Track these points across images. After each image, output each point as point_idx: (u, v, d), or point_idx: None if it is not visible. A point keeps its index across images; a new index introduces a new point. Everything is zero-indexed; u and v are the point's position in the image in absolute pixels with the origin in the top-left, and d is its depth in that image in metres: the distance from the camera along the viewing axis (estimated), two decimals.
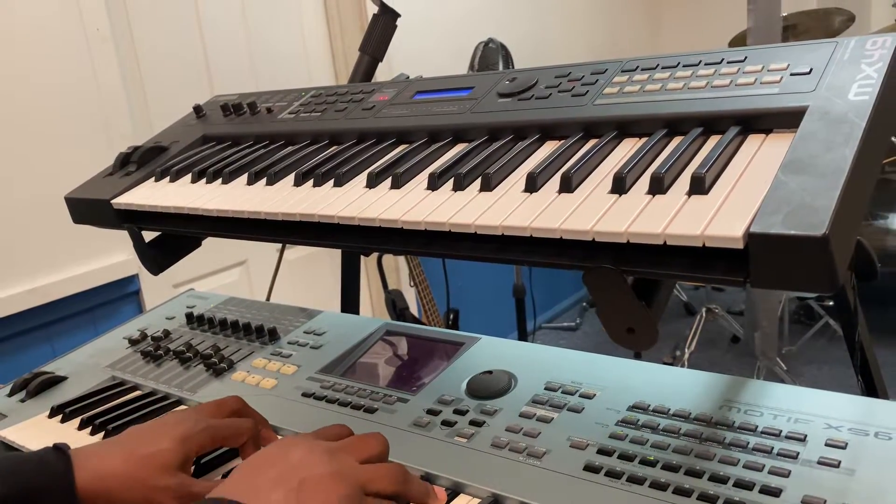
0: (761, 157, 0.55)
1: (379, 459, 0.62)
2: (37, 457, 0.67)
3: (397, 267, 3.02)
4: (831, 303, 3.17)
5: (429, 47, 2.96)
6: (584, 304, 4.31)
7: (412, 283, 2.61)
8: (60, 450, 0.67)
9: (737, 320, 3.39)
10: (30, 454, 0.68)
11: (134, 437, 0.71)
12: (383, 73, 1.23)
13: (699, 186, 0.52)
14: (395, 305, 2.59)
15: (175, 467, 0.67)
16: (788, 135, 0.56)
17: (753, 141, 0.58)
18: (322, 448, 0.59)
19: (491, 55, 2.81)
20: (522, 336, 3.00)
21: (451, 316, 2.73)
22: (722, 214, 0.49)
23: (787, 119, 0.57)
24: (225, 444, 0.73)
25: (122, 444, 0.70)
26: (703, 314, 3.15)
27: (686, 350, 2.99)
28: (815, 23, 2.98)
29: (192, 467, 0.73)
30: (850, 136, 0.50)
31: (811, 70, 0.59)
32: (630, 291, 0.53)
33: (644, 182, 0.56)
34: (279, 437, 0.79)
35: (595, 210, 0.54)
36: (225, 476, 0.67)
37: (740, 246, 0.46)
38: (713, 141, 0.60)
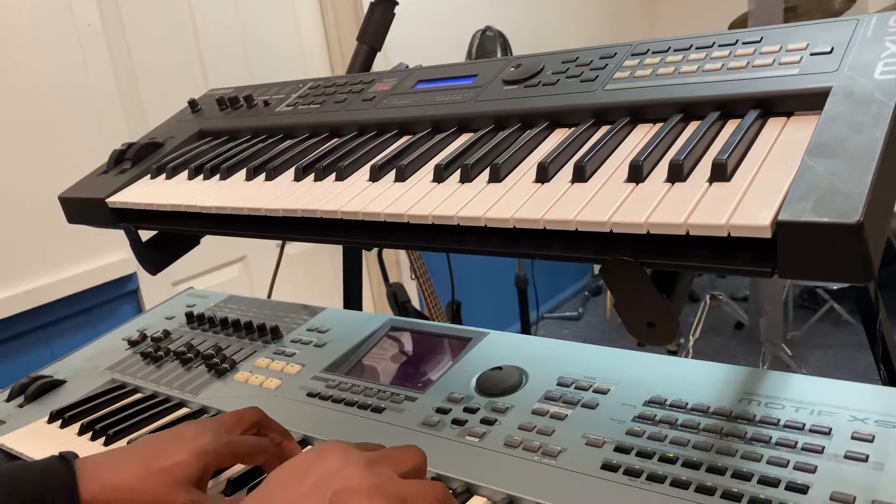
0: (784, 141, 0.53)
1: (416, 474, 0.56)
2: (42, 465, 0.63)
3: (398, 260, 3.00)
4: (836, 287, 3.15)
5: (425, 36, 2.93)
6: (587, 293, 4.30)
7: (413, 276, 2.58)
8: (65, 459, 0.63)
9: (741, 306, 3.37)
10: (35, 463, 0.64)
11: (149, 447, 0.66)
12: (379, 63, 1.20)
13: (721, 173, 0.50)
14: (397, 299, 2.57)
15: (191, 482, 0.63)
16: (811, 117, 0.53)
17: (774, 125, 0.55)
18: (360, 458, 0.53)
19: (489, 43, 2.77)
20: (525, 327, 2.98)
21: (454, 308, 2.70)
22: (747, 202, 0.47)
23: (810, 101, 0.54)
24: (245, 462, 0.69)
25: (136, 454, 0.66)
26: (707, 301, 3.13)
27: (691, 338, 2.97)
28: (815, 4, 2.95)
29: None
30: (880, 116, 0.48)
31: (832, 49, 0.57)
32: (650, 284, 0.50)
33: (662, 169, 0.53)
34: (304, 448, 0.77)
35: (611, 200, 0.52)
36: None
37: (768, 235, 0.44)
38: (732, 125, 0.57)
